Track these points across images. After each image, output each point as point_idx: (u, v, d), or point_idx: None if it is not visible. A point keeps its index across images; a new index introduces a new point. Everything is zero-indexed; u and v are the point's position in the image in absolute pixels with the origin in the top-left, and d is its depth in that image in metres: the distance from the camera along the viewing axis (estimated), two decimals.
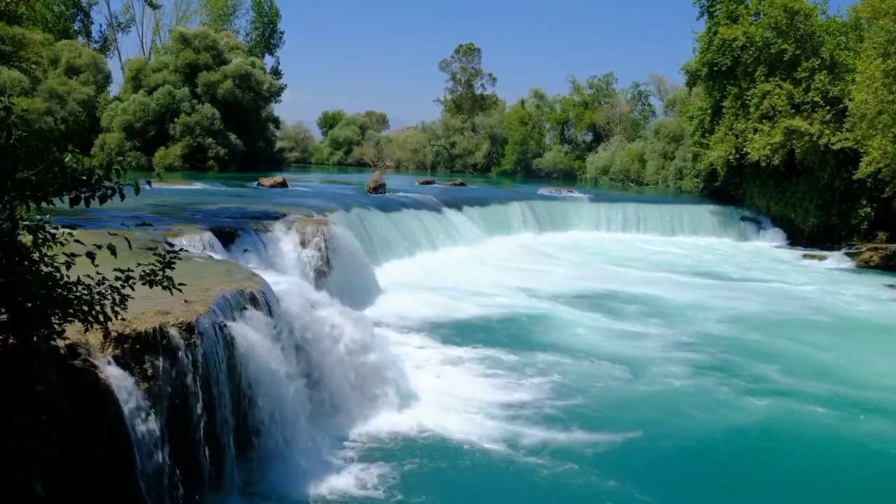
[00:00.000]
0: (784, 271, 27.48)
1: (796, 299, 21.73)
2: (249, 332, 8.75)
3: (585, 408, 11.76)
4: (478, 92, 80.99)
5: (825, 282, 25.27)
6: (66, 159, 5.13)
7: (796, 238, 35.03)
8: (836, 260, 30.32)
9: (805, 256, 31.41)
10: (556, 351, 14.78)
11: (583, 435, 10.61)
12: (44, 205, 5.10)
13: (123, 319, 5.89)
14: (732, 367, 14.33)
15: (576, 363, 14.07)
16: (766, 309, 19.98)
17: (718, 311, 19.44)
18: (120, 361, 6.81)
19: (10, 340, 5.03)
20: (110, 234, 5.71)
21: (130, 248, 6.02)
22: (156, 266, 5.79)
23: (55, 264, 5.21)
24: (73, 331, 5.94)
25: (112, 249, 5.34)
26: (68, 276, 5.28)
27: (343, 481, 8.82)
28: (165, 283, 5.79)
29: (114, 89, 56.38)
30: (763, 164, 33.88)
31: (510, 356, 14.23)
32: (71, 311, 5.25)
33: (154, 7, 67.40)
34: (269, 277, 10.64)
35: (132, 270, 5.67)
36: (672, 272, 25.73)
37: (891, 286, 24.64)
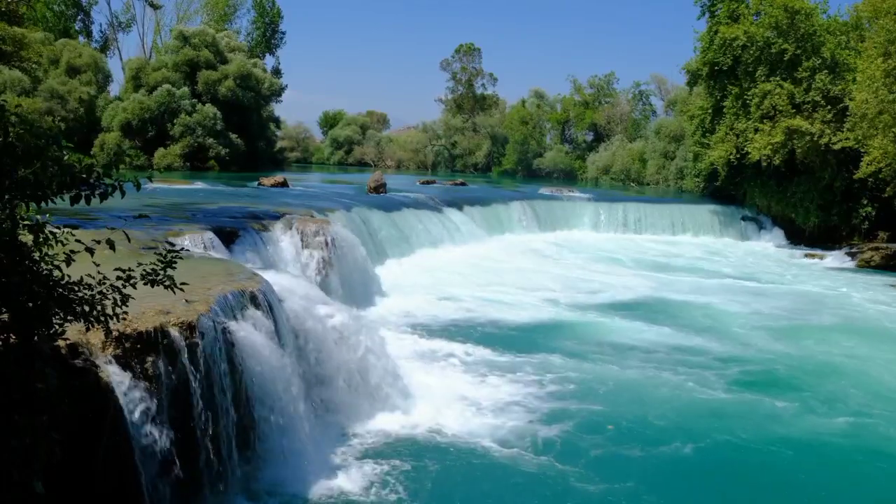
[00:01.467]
0: (792, 272, 27.26)
1: (818, 303, 21.24)
2: (250, 332, 8.74)
3: (598, 412, 11.60)
4: (478, 92, 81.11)
5: (841, 284, 24.92)
6: (66, 157, 5.12)
7: (797, 238, 35.02)
8: (836, 259, 30.33)
9: (806, 256, 31.44)
10: (563, 352, 14.63)
11: (600, 441, 10.54)
12: (44, 204, 5.10)
13: (124, 319, 5.88)
14: (779, 378, 13.80)
15: (584, 366, 13.91)
16: (791, 314, 19.50)
17: (741, 316, 18.96)
18: (121, 361, 6.80)
19: (12, 340, 5.03)
20: (109, 230, 5.71)
21: (129, 241, 6.01)
22: (157, 266, 5.78)
23: (56, 264, 5.20)
24: (74, 330, 5.93)
25: (111, 244, 5.33)
26: (69, 276, 5.27)
27: (344, 481, 8.81)
28: (167, 283, 5.79)
29: (114, 89, 56.53)
30: (764, 164, 33.86)
31: (513, 356, 14.19)
32: (72, 310, 5.24)
33: (155, 7, 67.46)
34: (270, 277, 10.62)
35: (133, 270, 5.67)
36: (678, 273, 25.61)
37: (892, 286, 24.66)
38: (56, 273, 5.19)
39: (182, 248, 11.81)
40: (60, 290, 5.16)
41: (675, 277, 24.67)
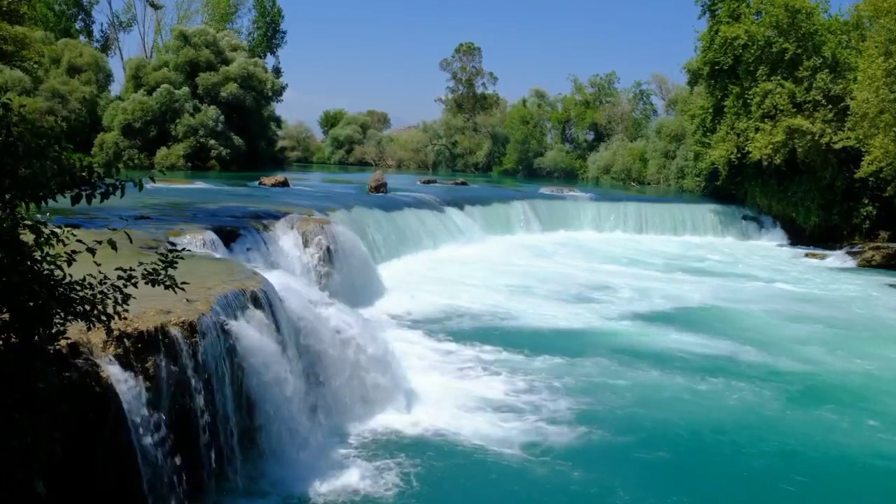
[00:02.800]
0: (804, 274, 26.88)
1: (850, 309, 20.81)
2: (251, 331, 8.74)
3: (598, 412, 11.49)
4: (479, 91, 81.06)
5: (868, 287, 24.47)
6: (66, 157, 5.12)
7: (797, 237, 35.02)
8: (838, 259, 30.29)
9: (807, 256, 31.38)
10: (565, 352, 14.50)
11: (593, 436, 10.49)
12: (45, 204, 5.09)
13: (125, 318, 5.87)
14: (835, 391, 13.13)
15: (585, 367, 13.78)
16: (827, 319, 19.02)
17: (780, 323, 18.23)
18: (122, 360, 6.80)
19: (13, 340, 5.02)
20: (111, 230, 5.71)
21: (131, 242, 6.00)
22: (158, 265, 5.78)
23: (57, 263, 5.20)
24: (75, 330, 5.93)
25: (112, 244, 5.34)
26: (71, 276, 5.27)
27: (345, 480, 8.79)
28: (168, 283, 5.79)
29: (115, 89, 56.53)
30: (764, 164, 33.86)
31: (515, 356, 14.14)
32: (73, 310, 5.24)
33: (156, 7, 67.43)
34: (270, 277, 10.62)
35: (134, 270, 5.67)
36: (699, 276, 25.26)
37: (892, 285, 24.67)
38: (57, 273, 5.18)
39: (183, 248, 11.80)
40: (61, 289, 5.16)
41: (697, 280, 24.10)
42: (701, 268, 27.20)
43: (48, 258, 5.13)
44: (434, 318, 16.92)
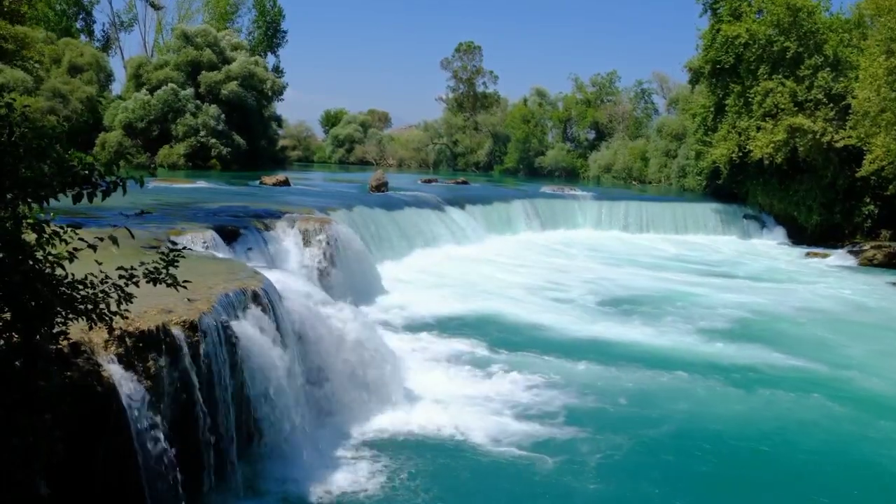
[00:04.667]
0: (811, 274, 26.62)
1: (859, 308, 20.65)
2: (252, 331, 8.74)
3: (600, 412, 11.46)
4: (479, 90, 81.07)
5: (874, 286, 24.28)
6: (68, 157, 5.12)
7: (799, 236, 34.98)
8: (839, 258, 30.24)
9: (808, 255, 31.33)
10: (565, 350, 14.48)
11: (613, 441, 10.44)
12: (46, 203, 5.09)
13: (126, 318, 5.87)
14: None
15: (583, 367, 13.74)
16: (860, 324, 18.73)
17: (784, 320, 17.97)
18: (123, 360, 6.79)
19: (14, 339, 5.02)
20: (112, 228, 5.72)
21: (133, 237, 6.00)
22: (159, 264, 5.78)
23: (59, 262, 5.20)
24: (76, 329, 5.93)
25: (114, 240, 5.35)
26: (73, 275, 5.27)
27: (345, 480, 8.80)
28: (170, 281, 5.78)
29: (116, 88, 56.60)
30: (766, 163, 33.83)
31: (516, 356, 14.09)
32: (74, 309, 5.23)
33: (156, 8, 67.44)
34: (271, 276, 10.62)
35: (135, 268, 5.67)
36: (684, 272, 25.26)
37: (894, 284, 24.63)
38: (59, 272, 5.18)
39: (184, 247, 11.80)
40: (63, 288, 5.16)
41: (714, 283, 23.63)
42: (713, 270, 26.62)
43: (50, 257, 5.13)
44: (434, 317, 16.87)
